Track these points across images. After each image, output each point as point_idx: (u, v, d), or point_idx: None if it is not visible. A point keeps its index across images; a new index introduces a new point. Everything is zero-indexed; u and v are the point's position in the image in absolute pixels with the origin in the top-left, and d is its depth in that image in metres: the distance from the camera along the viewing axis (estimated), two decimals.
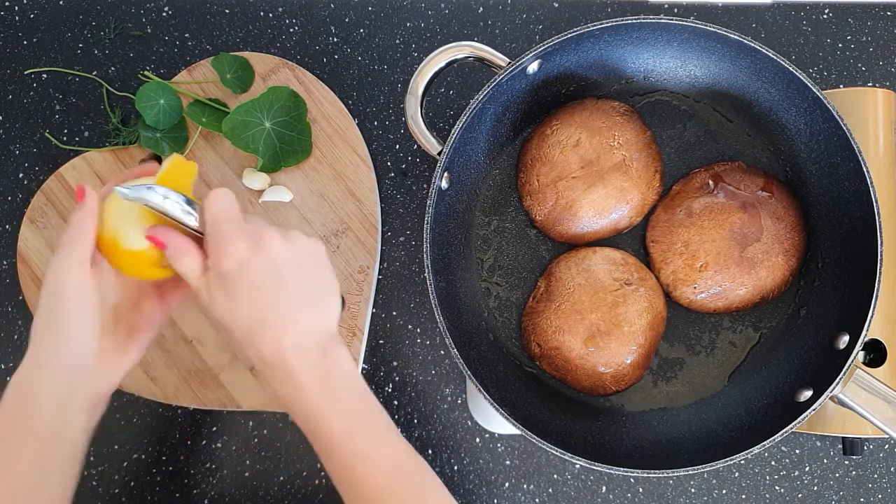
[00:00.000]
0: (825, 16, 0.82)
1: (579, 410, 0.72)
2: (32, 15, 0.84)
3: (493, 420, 0.75)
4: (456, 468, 0.77)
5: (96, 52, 0.83)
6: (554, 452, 0.62)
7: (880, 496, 0.76)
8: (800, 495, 0.76)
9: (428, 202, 0.65)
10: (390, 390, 0.78)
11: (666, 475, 0.71)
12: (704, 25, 0.66)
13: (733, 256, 0.70)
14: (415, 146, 0.81)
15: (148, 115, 0.75)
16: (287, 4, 0.83)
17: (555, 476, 0.76)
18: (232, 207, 0.54)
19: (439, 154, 0.65)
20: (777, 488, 0.76)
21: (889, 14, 0.82)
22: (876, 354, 0.71)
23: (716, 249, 0.70)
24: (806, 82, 0.65)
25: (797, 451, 0.77)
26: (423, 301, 0.79)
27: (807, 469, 0.76)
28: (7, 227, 0.80)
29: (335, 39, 0.83)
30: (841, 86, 0.81)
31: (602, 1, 0.82)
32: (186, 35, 0.83)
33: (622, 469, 0.63)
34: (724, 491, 0.76)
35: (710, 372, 0.73)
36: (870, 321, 0.62)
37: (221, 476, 0.77)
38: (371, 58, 0.82)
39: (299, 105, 0.76)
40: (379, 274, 0.79)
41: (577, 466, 0.76)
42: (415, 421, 0.77)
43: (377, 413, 0.55)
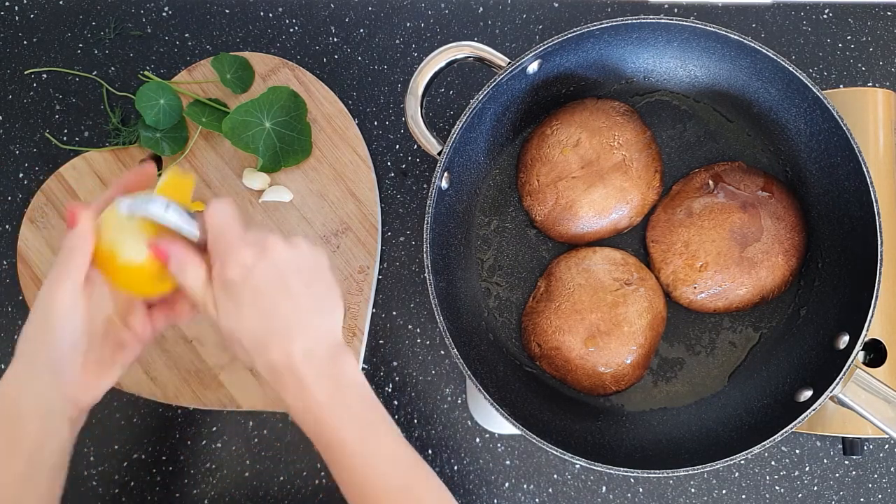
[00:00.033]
0: (825, 16, 0.82)
1: (579, 410, 0.72)
2: (32, 15, 0.84)
3: (493, 420, 0.74)
4: (456, 468, 0.77)
5: (96, 52, 0.83)
6: (554, 452, 0.62)
7: (880, 496, 0.76)
8: (800, 495, 0.76)
9: (428, 202, 0.65)
10: (390, 390, 0.78)
11: (666, 475, 0.71)
12: (704, 25, 0.66)
13: (733, 256, 0.70)
14: (415, 146, 0.81)
15: (148, 115, 0.75)
16: (287, 4, 0.83)
17: (555, 476, 0.76)
18: (233, 217, 0.54)
19: (439, 154, 0.65)
20: (777, 488, 0.76)
21: (889, 14, 0.82)
22: (876, 354, 0.71)
23: (716, 249, 0.70)
24: (806, 82, 0.65)
25: (797, 451, 0.77)
26: (423, 301, 0.79)
27: (807, 469, 0.76)
28: (7, 227, 0.80)
29: (335, 39, 0.83)
30: (841, 86, 0.81)
31: (602, 1, 0.82)
32: (186, 35, 0.83)
33: (622, 469, 0.63)
34: (724, 491, 0.76)
35: (710, 372, 0.73)
36: (870, 321, 0.62)
37: (221, 476, 0.77)
38: (371, 58, 0.82)
39: (299, 105, 0.76)
40: (379, 274, 0.79)
41: (577, 466, 0.76)
42: (415, 421, 0.77)
43: (386, 422, 0.55)
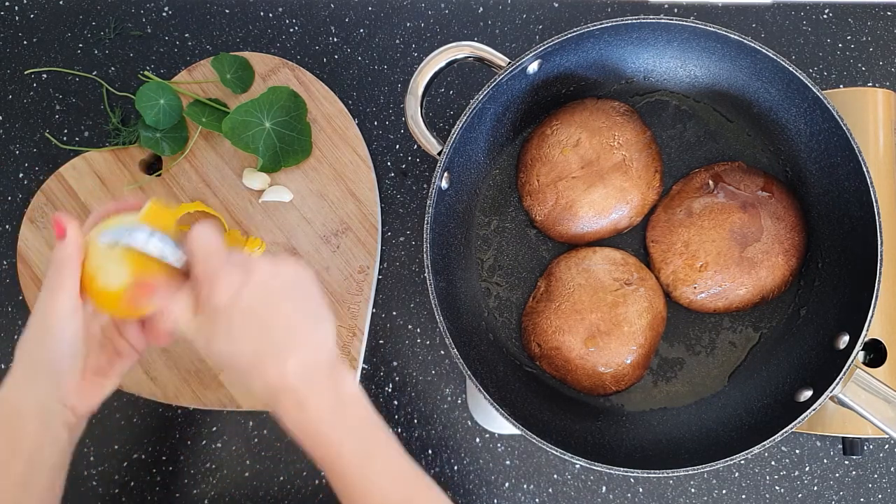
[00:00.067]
0: (825, 16, 0.82)
1: (579, 410, 0.72)
2: (32, 15, 0.84)
3: (493, 420, 0.74)
4: (456, 468, 0.77)
5: (96, 52, 0.83)
6: (554, 452, 0.62)
7: (880, 496, 0.76)
8: (800, 495, 0.76)
9: (428, 202, 0.65)
10: (390, 390, 0.78)
11: (666, 475, 0.71)
12: (704, 25, 0.66)
13: (733, 256, 0.70)
14: (415, 146, 0.81)
15: (148, 115, 0.75)
16: (287, 4, 0.83)
17: (555, 476, 0.76)
18: (217, 241, 0.53)
19: (439, 154, 0.65)
20: (777, 488, 0.76)
21: (889, 14, 0.82)
22: (876, 354, 0.71)
23: (716, 249, 0.70)
24: (806, 82, 0.65)
25: (797, 451, 0.77)
26: (423, 301, 0.79)
27: (807, 469, 0.76)
28: (7, 227, 0.80)
29: (335, 39, 0.83)
30: (841, 86, 0.81)
31: (602, 1, 0.82)
32: (186, 35, 0.83)
33: (622, 469, 0.63)
34: (724, 491, 0.76)
35: (710, 372, 0.73)
36: (870, 321, 0.62)
37: (221, 476, 0.77)
38: (371, 58, 0.82)
39: (299, 105, 0.76)
40: (379, 274, 0.79)
41: (577, 466, 0.76)
42: (415, 421, 0.77)
43: (385, 435, 0.55)
